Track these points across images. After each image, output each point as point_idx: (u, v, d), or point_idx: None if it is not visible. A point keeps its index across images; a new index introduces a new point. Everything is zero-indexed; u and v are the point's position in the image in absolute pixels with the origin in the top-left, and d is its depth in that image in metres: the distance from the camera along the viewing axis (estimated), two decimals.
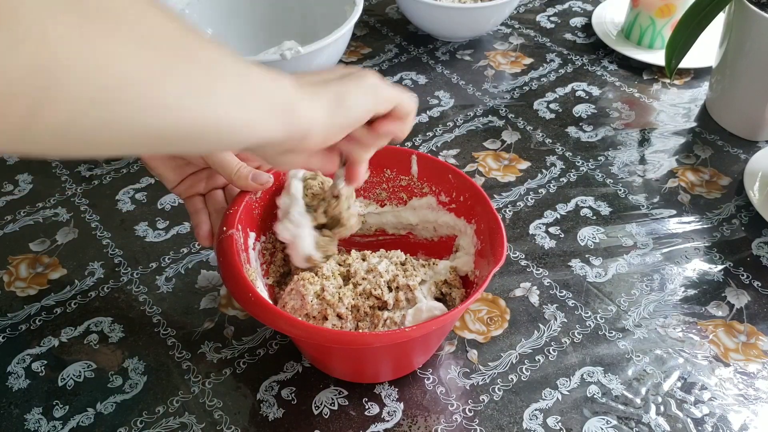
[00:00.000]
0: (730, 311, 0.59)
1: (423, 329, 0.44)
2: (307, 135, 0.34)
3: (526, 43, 0.95)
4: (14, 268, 0.63)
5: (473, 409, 0.52)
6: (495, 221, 0.50)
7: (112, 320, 0.58)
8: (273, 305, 0.44)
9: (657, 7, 0.88)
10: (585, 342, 0.57)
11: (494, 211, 0.51)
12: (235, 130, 0.29)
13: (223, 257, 0.46)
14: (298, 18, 0.90)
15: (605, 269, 0.63)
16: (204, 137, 0.28)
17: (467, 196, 0.54)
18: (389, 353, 0.50)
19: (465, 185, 0.54)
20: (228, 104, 0.28)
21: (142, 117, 0.23)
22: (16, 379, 0.54)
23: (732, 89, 0.77)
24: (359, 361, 0.52)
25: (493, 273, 0.46)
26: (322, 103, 0.35)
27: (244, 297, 0.43)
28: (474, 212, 0.54)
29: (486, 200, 0.52)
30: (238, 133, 0.29)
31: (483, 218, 0.52)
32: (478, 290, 0.45)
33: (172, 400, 0.53)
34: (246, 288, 0.44)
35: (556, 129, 0.80)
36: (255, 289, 0.44)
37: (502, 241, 0.48)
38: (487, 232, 0.51)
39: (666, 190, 0.72)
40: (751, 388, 0.54)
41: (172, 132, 0.25)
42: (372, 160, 0.58)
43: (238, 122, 0.29)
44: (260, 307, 0.43)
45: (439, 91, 0.86)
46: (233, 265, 0.45)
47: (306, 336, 0.43)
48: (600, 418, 0.51)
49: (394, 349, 0.49)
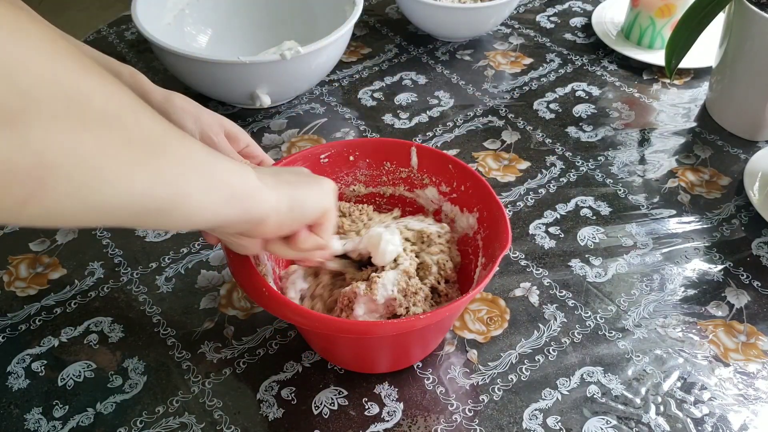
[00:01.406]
0: (730, 311, 0.59)
1: (431, 318, 0.45)
2: (262, 222, 0.38)
3: (526, 43, 0.95)
4: (14, 268, 0.63)
5: (473, 409, 0.52)
6: (498, 207, 0.51)
7: (112, 320, 0.58)
8: (287, 299, 0.45)
9: (657, 7, 0.88)
10: (585, 342, 0.57)
11: (496, 198, 0.52)
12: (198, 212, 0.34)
13: (233, 254, 0.46)
14: (298, 18, 0.90)
15: (605, 269, 0.63)
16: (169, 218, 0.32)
17: (468, 185, 0.55)
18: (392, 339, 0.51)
19: (465, 174, 0.55)
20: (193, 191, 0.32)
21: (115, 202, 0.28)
22: (16, 379, 0.54)
23: (732, 89, 0.77)
24: (368, 349, 0.52)
25: (501, 258, 0.46)
26: (280, 196, 0.39)
27: (258, 292, 0.44)
28: (476, 201, 0.54)
29: (487, 187, 0.53)
30: (200, 215, 0.34)
31: (486, 206, 0.53)
32: (488, 276, 0.45)
33: (172, 400, 0.53)
34: (260, 284, 0.45)
35: (556, 129, 0.80)
36: (269, 284, 0.45)
37: (506, 226, 0.49)
38: (490, 219, 0.52)
39: (666, 190, 0.72)
40: (750, 388, 0.54)
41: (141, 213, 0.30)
42: (372, 153, 0.59)
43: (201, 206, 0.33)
44: (276, 302, 0.44)
45: (439, 91, 0.86)
46: (245, 262, 0.46)
47: (321, 327, 0.44)
48: (600, 418, 0.51)
49: (398, 337, 0.49)
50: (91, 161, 0.26)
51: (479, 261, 0.53)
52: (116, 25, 0.99)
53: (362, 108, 0.83)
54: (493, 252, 0.49)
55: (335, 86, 0.86)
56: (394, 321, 0.47)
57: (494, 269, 0.46)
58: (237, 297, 0.60)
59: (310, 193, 0.42)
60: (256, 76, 0.74)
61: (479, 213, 0.54)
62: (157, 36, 0.73)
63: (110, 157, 0.27)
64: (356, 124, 0.80)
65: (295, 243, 0.43)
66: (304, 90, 0.84)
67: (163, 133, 0.31)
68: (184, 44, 0.82)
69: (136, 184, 0.29)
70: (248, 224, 0.38)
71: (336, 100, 0.84)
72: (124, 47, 0.94)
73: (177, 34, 0.83)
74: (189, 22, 0.87)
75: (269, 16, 0.90)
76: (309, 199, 0.42)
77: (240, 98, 0.78)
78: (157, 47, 0.73)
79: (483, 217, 0.53)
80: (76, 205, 0.27)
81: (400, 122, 0.80)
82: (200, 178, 0.33)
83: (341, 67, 0.89)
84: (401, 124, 0.80)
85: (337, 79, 0.87)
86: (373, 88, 0.86)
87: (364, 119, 0.81)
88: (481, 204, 0.54)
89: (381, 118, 0.81)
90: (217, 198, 0.34)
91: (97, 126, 0.26)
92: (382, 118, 0.81)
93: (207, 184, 0.33)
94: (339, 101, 0.84)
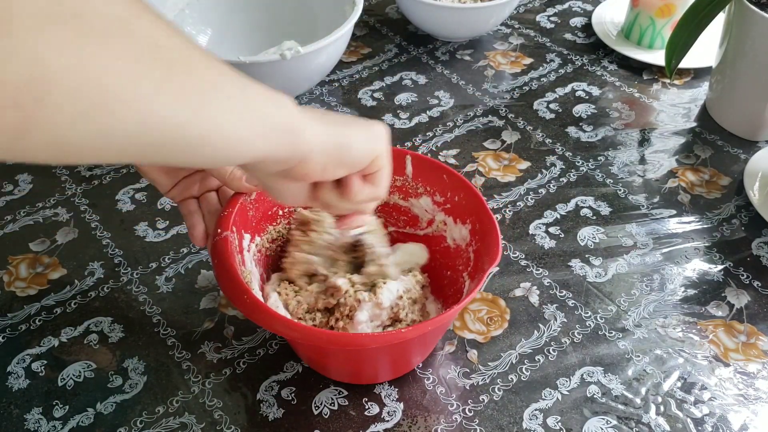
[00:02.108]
0: (730, 311, 0.59)
1: (419, 330, 0.44)
2: (305, 158, 0.34)
3: (526, 43, 0.95)
4: (14, 268, 0.63)
5: (473, 409, 0.52)
6: (490, 221, 0.50)
7: (112, 320, 0.58)
8: (268, 307, 0.44)
9: (657, 7, 0.88)
10: (585, 342, 0.57)
11: (488, 211, 0.51)
12: (229, 144, 0.29)
13: (217, 259, 0.46)
14: (298, 18, 0.90)
15: (605, 269, 0.63)
16: (197, 151, 0.28)
17: (462, 195, 0.54)
18: (386, 354, 0.50)
19: (459, 185, 0.54)
20: (223, 119, 0.28)
21: (133, 129, 0.24)
22: (16, 379, 0.54)
23: (732, 89, 0.77)
24: (356, 362, 0.52)
25: (489, 273, 0.46)
26: (326, 131, 0.35)
27: (240, 299, 0.43)
28: (469, 212, 0.54)
29: (480, 200, 0.52)
30: (233, 148, 0.29)
31: (478, 218, 0.52)
32: (474, 290, 0.45)
33: (172, 400, 0.53)
34: (241, 290, 0.44)
35: (556, 129, 0.80)
36: (250, 291, 0.44)
37: (497, 240, 0.48)
38: (482, 231, 0.51)
39: (666, 190, 0.72)
40: (751, 388, 0.54)
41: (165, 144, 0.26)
42: None
43: (233, 137, 0.29)
44: (256, 309, 0.43)
45: (439, 91, 0.86)
46: (228, 267, 0.45)
47: (301, 338, 0.43)
48: (600, 418, 0.51)
49: (392, 350, 0.49)
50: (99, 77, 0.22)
51: (468, 273, 0.53)
52: None
53: (362, 108, 0.83)
54: (482, 266, 0.48)
55: (335, 86, 0.86)
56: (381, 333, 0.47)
57: (482, 284, 0.45)
58: None
59: (358, 135, 0.37)
60: (256, 76, 0.71)
61: (471, 225, 0.53)
62: None
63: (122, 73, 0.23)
64: None
65: (348, 192, 0.38)
66: (304, 90, 0.84)
67: (185, 49, 0.26)
68: None
69: (155, 106, 0.24)
70: (289, 162, 0.34)
71: (336, 100, 0.84)
72: None
73: None
74: (189, 22, 0.87)
75: (269, 16, 0.90)
76: (357, 140, 0.37)
77: None
78: None
79: (475, 229, 0.53)
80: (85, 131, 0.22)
81: (400, 122, 0.80)
82: (233, 105, 0.28)
83: (341, 67, 0.89)
84: (401, 124, 0.80)
85: (337, 79, 0.87)
86: (373, 88, 0.86)
87: None
88: (473, 216, 0.53)
89: (381, 118, 0.81)
90: (253, 129, 0.30)
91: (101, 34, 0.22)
92: (382, 118, 0.81)
93: (241, 111, 0.29)
94: (339, 101, 0.84)
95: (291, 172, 0.35)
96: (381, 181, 0.40)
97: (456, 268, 0.55)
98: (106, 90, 0.22)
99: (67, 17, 0.21)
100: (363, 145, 0.37)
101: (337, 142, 0.35)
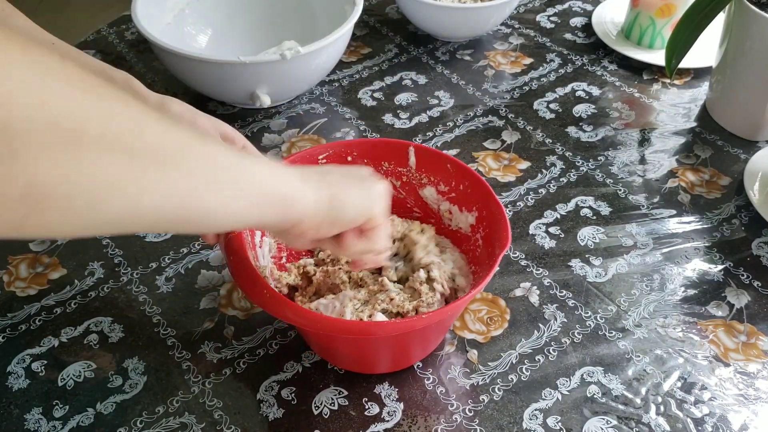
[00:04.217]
0: (730, 311, 0.59)
1: (431, 319, 0.45)
2: (300, 222, 0.37)
3: (526, 43, 0.95)
4: (14, 268, 0.63)
5: (473, 409, 0.52)
6: (497, 206, 0.51)
7: (112, 320, 0.58)
8: (288, 300, 0.45)
9: (657, 7, 0.88)
10: (585, 342, 0.57)
11: (495, 197, 0.52)
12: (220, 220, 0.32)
13: (233, 255, 0.47)
14: (298, 18, 0.90)
15: (605, 269, 0.63)
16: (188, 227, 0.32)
17: (466, 184, 0.55)
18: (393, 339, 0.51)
19: (464, 174, 0.55)
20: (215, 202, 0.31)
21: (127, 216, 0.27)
22: (16, 379, 0.54)
23: (732, 89, 0.77)
24: (362, 349, 0.53)
25: (501, 256, 0.46)
26: (320, 196, 0.38)
27: (259, 293, 0.44)
28: (475, 200, 0.54)
29: (486, 187, 0.53)
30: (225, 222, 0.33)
31: (485, 205, 0.53)
32: (488, 275, 0.46)
33: (172, 400, 0.53)
34: (260, 284, 0.45)
35: (556, 129, 0.80)
36: (269, 285, 0.45)
37: (506, 224, 0.49)
38: (490, 217, 0.52)
39: (666, 190, 0.72)
40: (751, 388, 0.54)
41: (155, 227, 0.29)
42: (370, 153, 0.59)
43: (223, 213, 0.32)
44: (278, 303, 0.44)
45: (439, 91, 0.86)
46: (245, 264, 0.46)
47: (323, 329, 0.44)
48: (600, 418, 0.51)
49: (398, 338, 0.50)
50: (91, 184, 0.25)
51: (479, 260, 0.53)
52: (116, 25, 0.99)
53: (362, 108, 0.83)
54: (493, 251, 0.49)
55: (335, 86, 0.86)
56: (394, 321, 0.47)
57: (494, 268, 0.46)
58: (237, 297, 0.60)
59: (354, 197, 0.40)
60: (256, 76, 0.74)
61: (478, 212, 0.54)
62: (157, 36, 0.73)
63: (112, 178, 0.26)
64: (356, 124, 0.80)
65: (343, 246, 0.42)
66: (304, 90, 0.84)
67: (175, 144, 0.29)
68: (184, 44, 0.82)
69: (145, 201, 0.27)
70: (283, 225, 0.37)
71: (336, 100, 0.84)
72: (124, 47, 0.94)
73: (177, 34, 0.83)
74: (189, 22, 0.87)
75: (269, 16, 0.90)
76: (352, 202, 0.40)
77: (240, 98, 0.78)
78: (157, 47, 0.73)
79: (482, 216, 0.53)
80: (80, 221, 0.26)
81: (400, 122, 0.80)
82: (221, 187, 0.31)
83: (341, 67, 0.89)
84: (401, 124, 0.80)
85: (337, 79, 0.87)
86: (373, 88, 0.86)
87: (364, 119, 0.81)
88: (480, 203, 0.54)
89: (381, 118, 0.81)
90: (244, 204, 0.33)
91: (94, 150, 0.25)
92: (382, 118, 0.81)
93: (231, 191, 0.32)
94: (339, 101, 0.84)
95: (288, 231, 0.38)
96: (376, 237, 0.43)
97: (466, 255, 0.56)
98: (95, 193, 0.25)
99: (65, 142, 0.23)
100: (357, 207, 0.40)
101: (331, 205, 0.38)
